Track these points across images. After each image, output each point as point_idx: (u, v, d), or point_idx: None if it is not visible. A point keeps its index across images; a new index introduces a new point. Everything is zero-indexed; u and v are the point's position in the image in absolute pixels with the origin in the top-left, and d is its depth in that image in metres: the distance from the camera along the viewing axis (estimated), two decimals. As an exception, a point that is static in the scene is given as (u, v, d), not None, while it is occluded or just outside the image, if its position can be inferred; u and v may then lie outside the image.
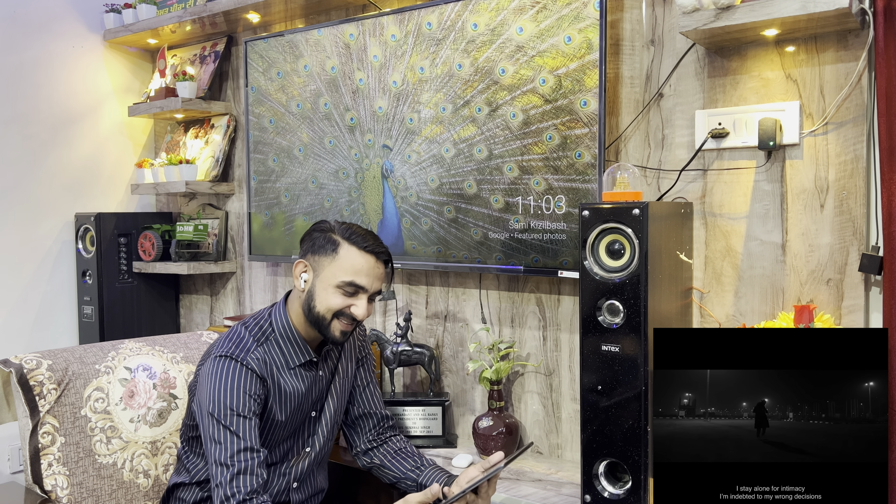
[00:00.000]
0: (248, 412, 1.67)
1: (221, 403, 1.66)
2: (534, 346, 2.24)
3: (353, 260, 1.70)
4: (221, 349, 1.72)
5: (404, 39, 2.33)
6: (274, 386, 1.74)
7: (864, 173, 1.74)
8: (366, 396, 1.95)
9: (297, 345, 1.77)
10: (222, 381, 1.68)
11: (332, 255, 1.71)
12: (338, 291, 1.71)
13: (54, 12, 3.04)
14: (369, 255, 1.71)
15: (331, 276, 1.71)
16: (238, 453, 1.63)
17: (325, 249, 1.72)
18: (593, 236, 1.70)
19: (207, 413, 1.66)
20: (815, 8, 1.59)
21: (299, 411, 1.80)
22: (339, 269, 1.70)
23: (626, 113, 2.07)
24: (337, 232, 1.73)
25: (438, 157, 2.29)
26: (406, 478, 1.85)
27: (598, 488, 1.72)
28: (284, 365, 1.76)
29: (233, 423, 1.64)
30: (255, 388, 1.69)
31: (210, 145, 3.04)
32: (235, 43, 3.02)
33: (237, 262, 3.04)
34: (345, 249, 1.71)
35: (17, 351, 2.74)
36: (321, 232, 1.75)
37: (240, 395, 1.67)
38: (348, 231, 1.73)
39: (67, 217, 3.10)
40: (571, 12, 2.00)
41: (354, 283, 1.70)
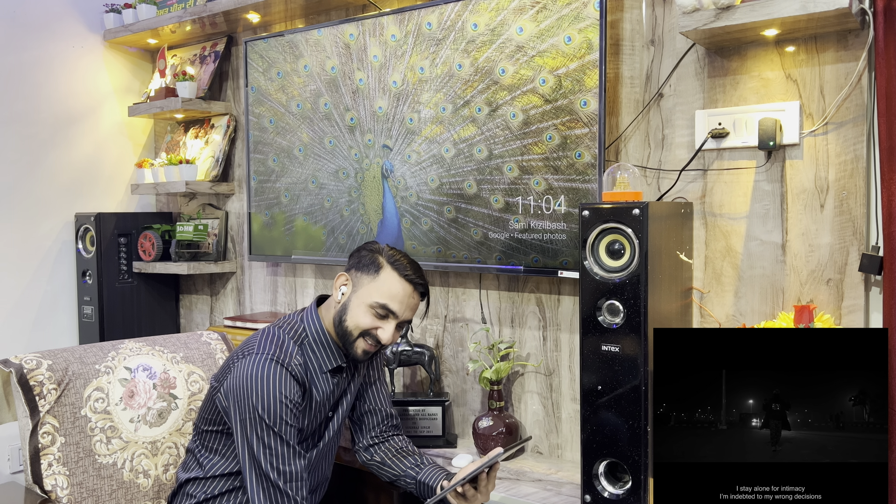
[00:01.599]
0: (292, 418, 1.70)
1: (272, 410, 1.67)
2: (534, 346, 2.24)
3: (391, 284, 1.75)
4: (266, 351, 1.72)
5: (404, 39, 2.33)
6: (307, 392, 1.77)
7: (864, 173, 1.74)
8: (372, 393, 1.97)
9: (330, 349, 1.80)
10: (272, 385, 1.69)
11: (373, 275, 1.76)
12: (370, 311, 1.75)
13: (54, 12, 3.04)
14: (408, 283, 1.77)
15: (367, 294, 1.75)
16: (291, 458, 1.67)
17: (369, 268, 1.78)
18: (593, 236, 1.70)
19: (256, 415, 1.67)
20: (815, 8, 1.59)
21: (320, 414, 1.82)
22: (375, 290, 1.75)
23: (626, 113, 2.07)
24: (383, 255, 1.79)
25: (438, 157, 2.29)
26: (405, 475, 1.86)
27: (598, 488, 1.72)
28: (318, 369, 1.79)
29: (281, 429, 1.67)
30: (296, 395, 1.72)
31: (210, 145, 3.04)
32: (235, 43, 3.02)
33: (237, 262, 3.04)
34: (386, 272, 1.76)
35: (17, 351, 2.74)
36: (369, 251, 1.81)
37: (289, 404, 1.69)
38: (394, 257, 1.79)
39: (67, 217, 3.10)
40: (571, 12, 2.00)
41: (387, 307, 1.74)
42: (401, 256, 1.80)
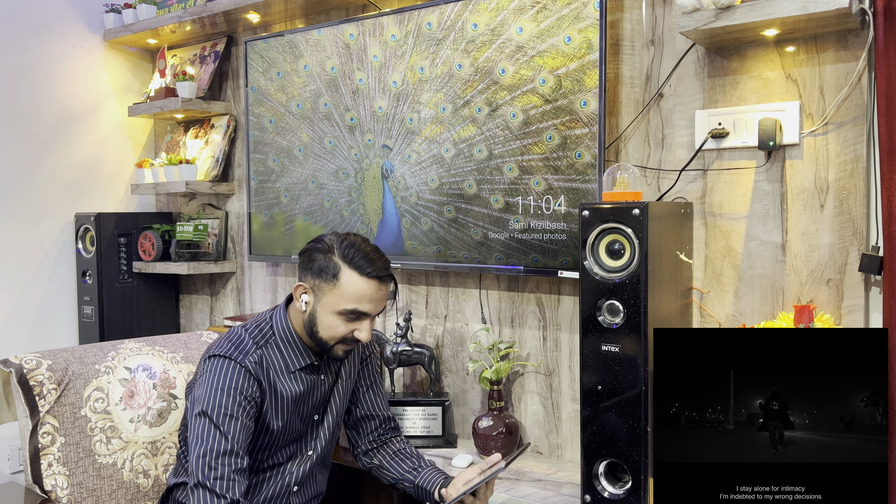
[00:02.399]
0: (240, 413, 1.64)
1: (214, 401, 1.63)
2: (534, 346, 2.24)
3: (355, 287, 1.64)
4: (219, 349, 1.71)
5: (404, 39, 2.33)
6: (270, 389, 1.71)
7: (864, 173, 1.74)
8: (369, 398, 1.93)
9: (297, 349, 1.75)
10: (216, 379, 1.66)
11: (332, 282, 1.65)
12: (340, 318, 1.66)
13: (54, 12, 3.04)
14: (372, 280, 1.65)
15: (333, 303, 1.66)
16: (221, 455, 1.60)
17: (326, 274, 1.66)
18: (593, 236, 1.70)
19: (200, 410, 1.64)
20: (815, 8, 1.59)
21: (298, 416, 1.78)
22: (340, 297, 1.65)
23: (626, 113, 2.07)
24: (337, 254, 1.66)
25: (438, 157, 2.29)
26: (404, 479, 1.85)
27: (598, 488, 1.72)
28: (284, 368, 1.73)
29: (223, 423, 1.62)
30: (249, 388, 1.66)
31: (210, 145, 3.04)
32: (235, 43, 3.02)
33: (237, 263, 3.04)
34: (346, 275, 1.64)
35: (17, 351, 2.74)
36: (320, 253, 1.68)
37: (233, 395, 1.64)
38: (350, 252, 1.65)
39: (67, 217, 3.10)
40: (571, 12, 2.00)
41: (357, 311, 1.66)
42: (358, 246, 1.66)
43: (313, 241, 1.73)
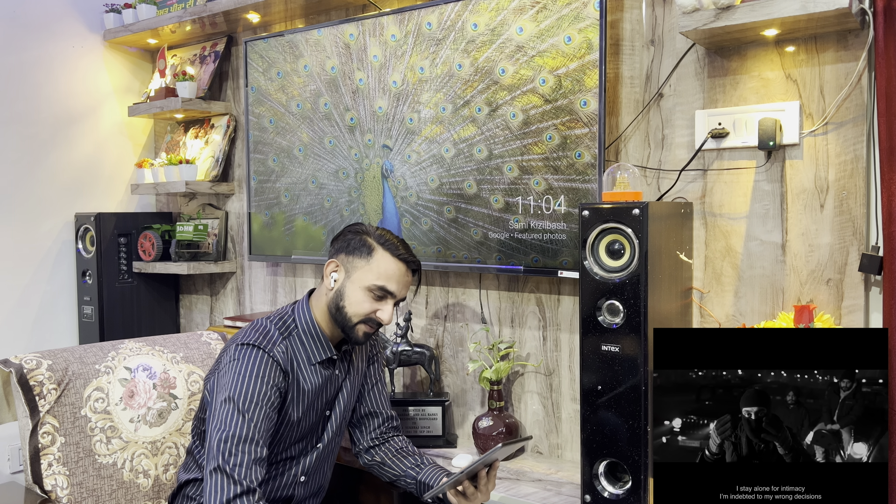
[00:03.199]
0: (266, 401, 1.67)
1: (241, 388, 1.66)
2: (534, 346, 2.24)
3: (386, 265, 1.74)
4: (247, 338, 1.73)
5: (404, 39, 2.33)
6: (294, 381, 1.75)
7: (864, 173, 1.74)
8: (373, 395, 1.96)
9: (319, 341, 1.79)
10: (246, 367, 1.68)
11: (366, 258, 1.75)
12: (368, 294, 1.74)
13: (54, 12, 3.04)
14: (401, 262, 1.75)
15: (363, 278, 1.74)
16: (242, 442, 1.61)
17: (360, 252, 1.75)
18: (593, 236, 1.70)
19: (226, 396, 1.65)
20: (815, 8, 1.59)
21: (313, 409, 1.81)
22: (371, 273, 1.74)
23: (626, 113, 2.07)
24: (372, 236, 1.77)
25: (438, 157, 2.29)
26: (405, 475, 1.86)
27: (598, 488, 1.72)
28: (306, 360, 1.78)
29: (248, 409, 1.64)
30: (276, 378, 1.70)
31: (210, 145, 3.04)
32: (235, 43, 3.02)
33: (237, 262, 3.04)
34: (379, 254, 1.74)
35: (17, 351, 2.75)
36: (356, 234, 1.78)
37: (261, 384, 1.67)
38: (383, 237, 1.77)
39: (67, 217, 3.10)
40: (571, 12, 2.00)
41: (385, 288, 1.74)
42: (389, 235, 1.78)
43: (349, 225, 1.84)
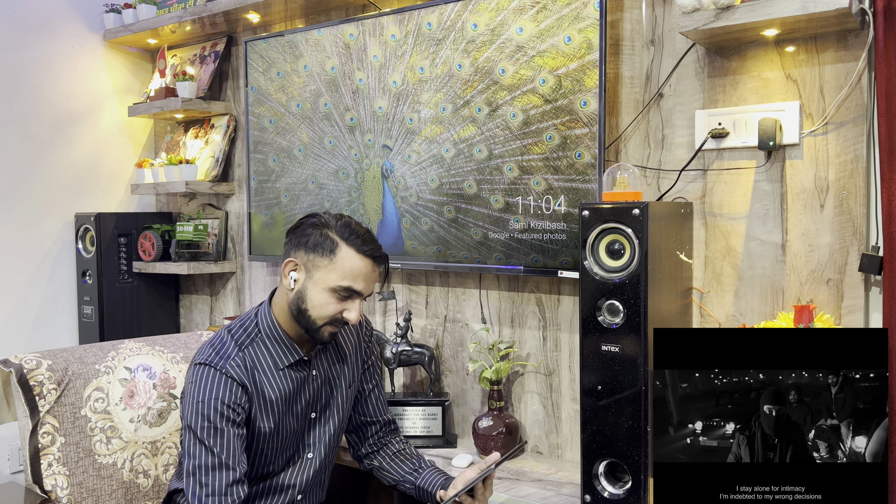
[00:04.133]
0: (226, 422, 1.60)
1: (197, 414, 1.59)
2: (534, 346, 2.24)
3: (351, 263, 1.61)
4: (201, 356, 1.66)
5: (404, 39, 2.33)
6: (257, 392, 1.66)
7: (864, 173, 1.74)
8: (370, 404, 1.91)
9: (284, 345, 1.70)
10: (199, 390, 1.61)
11: (328, 257, 1.61)
12: (333, 295, 1.62)
13: (54, 12, 3.04)
14: (368, 259, 1.63)
15: (326, 278, 1.62)
16: (211, 470, 1.57)
17: (321, 249, 1.62)
18: (593, 236, 1.70)
19: (185, 424, 1.61)
20: (815, 8, 1.59)
21: (291, 415, 1.73)
22: (335, 273, 1.61)
23: (626, 113, 2.07)
24: (334, 229, 1.63)
25: (438, 157, 2.29)
26: (405, 480, 1.83)
27: (598, 488, 1.72)
28: (273, 366, 1.69)
29: (208, 437, 1.58)
30: (234, 395, 1.61)
31: (210, 145, 3.04)
32: (235, 43, 3.02)
33: (237, 262, 3.04)
34: (343, 251, 1.61)
35: (17, 351, 2.74)
36: (315, 227, 1.64)
37: (216, 406, 1.59)
38: (346, 230, 1.63)
39: (67, 217, 3.10)
40: (571, 12, 2.00)
41: (351, 289, 1.62)
42: (354, 226, 1.63)
43: (306, 217, 1.68)
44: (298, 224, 1.68)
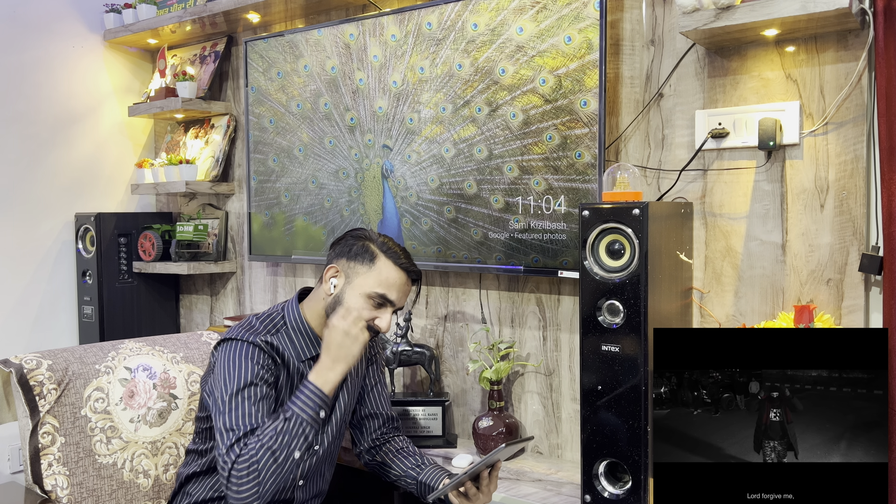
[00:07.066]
0: (259, 380, 1.67)
1: (232, 376, 1.67)
2: (534, 346, 2.24)
3: (388, 273, 1.73)
4: (230, 333, 1.74)
5: (404, 39, 2.33)
6: (284, 367, 1.75)
7: (864, 173, 1.74)
8: (373, 397, 1.95)
9: (309, 338, 1.79)
10: (230, 356, 1.69)
11: (368, 265, 1.73)
12: (368, 301, 1.72)
13: (54, 12, 3.05)
14: (403, 271, 1.74)
15: (364, 284, 1.72)
16: (245, 416, 1.62)
17: (362, 258, 1.74)
18: (593, 236, 1.70)
19: (220, 390, 1.67)
20: (815, 8, 1.59)
21: None
22: (372, 280, 1.72)
23: (626, 113, 2.07)
24: (375, 243, 1.76)
25: (438, 157, 2.29)
26: (406, 476, 1.86)
27: (598, 488, 1.72)
28: (295, 357, 1.77)
29: (243, 392, 1.65)
30: (264, 360, 1.70)
31: (210, 145, 3.04)
32: (235, 43, 3.02)
33: (237, 262, 3.04)
34: (381, 262, 1.73)
35: (17, 351, 2.74)
36: (358, 239, 1.77)
37: (249, 367, 1.67)
38: (386, 244, 1.76)
39: (67, 217, 3.10)
40: (571, 12, 2.00)
41: (385, 297, 1.72)
42: (392, 243, 1.77)
43: (351, 230, 1.83)
44: (343, 236, 1.82)
